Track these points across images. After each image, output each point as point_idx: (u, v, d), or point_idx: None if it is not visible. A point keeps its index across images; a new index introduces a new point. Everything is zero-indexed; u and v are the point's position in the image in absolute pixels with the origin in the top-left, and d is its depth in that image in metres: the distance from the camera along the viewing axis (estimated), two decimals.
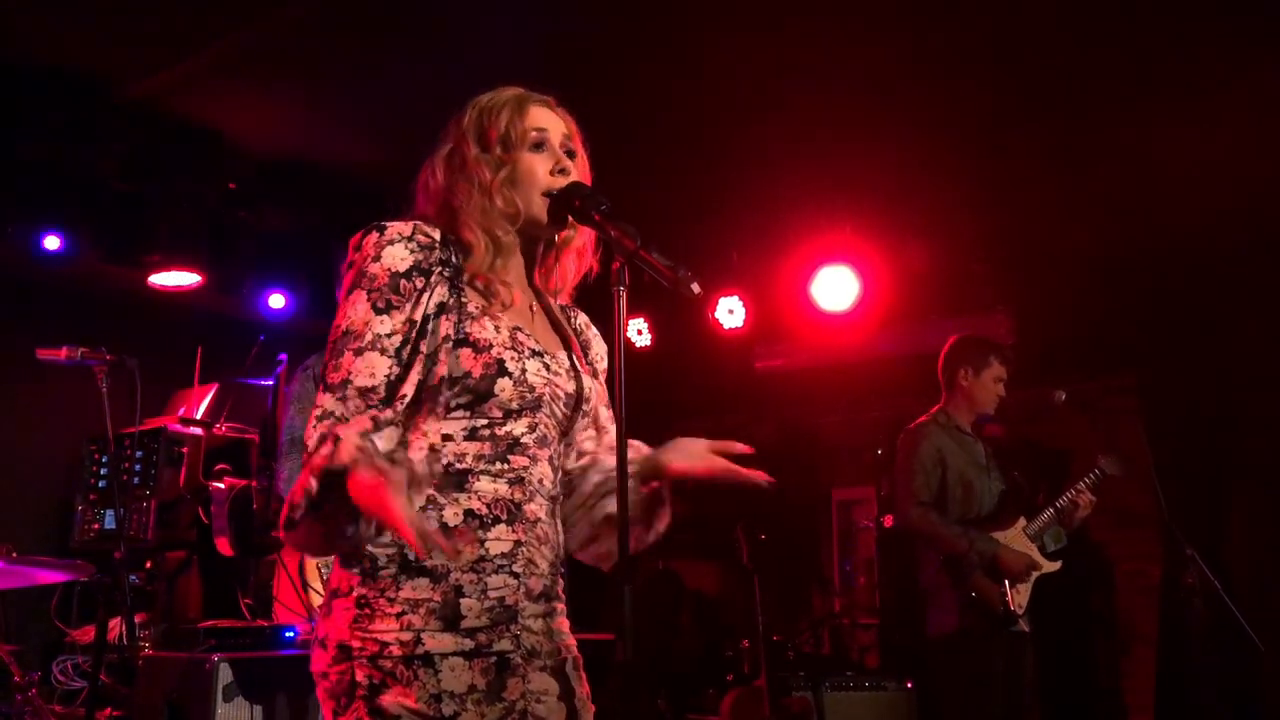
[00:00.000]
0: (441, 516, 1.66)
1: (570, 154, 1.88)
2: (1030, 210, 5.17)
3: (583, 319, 2.03)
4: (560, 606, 1.82)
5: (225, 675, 3.55)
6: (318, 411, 1.63)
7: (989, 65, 4.16)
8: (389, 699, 1.58)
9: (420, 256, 1.70)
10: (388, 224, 1.72)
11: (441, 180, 1.84)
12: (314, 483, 1.50)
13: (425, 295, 1.69)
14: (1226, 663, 4.53)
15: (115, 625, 3.93)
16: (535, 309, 1.89)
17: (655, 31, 3.91)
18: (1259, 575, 4.90)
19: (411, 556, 1.62)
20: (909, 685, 5.11)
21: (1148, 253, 5.24)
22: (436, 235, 1.73)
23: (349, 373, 1.63)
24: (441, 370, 1.68)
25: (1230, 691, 4.80)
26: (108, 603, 3.72)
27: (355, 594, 1.62)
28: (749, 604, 5.03)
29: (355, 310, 1.67)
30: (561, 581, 1.84)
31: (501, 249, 1.79)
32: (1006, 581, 3.90)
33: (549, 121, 1.87)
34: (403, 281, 1.67)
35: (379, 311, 1.66)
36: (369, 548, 1.63)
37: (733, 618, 6.77)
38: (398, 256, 1.68)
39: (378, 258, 1.68)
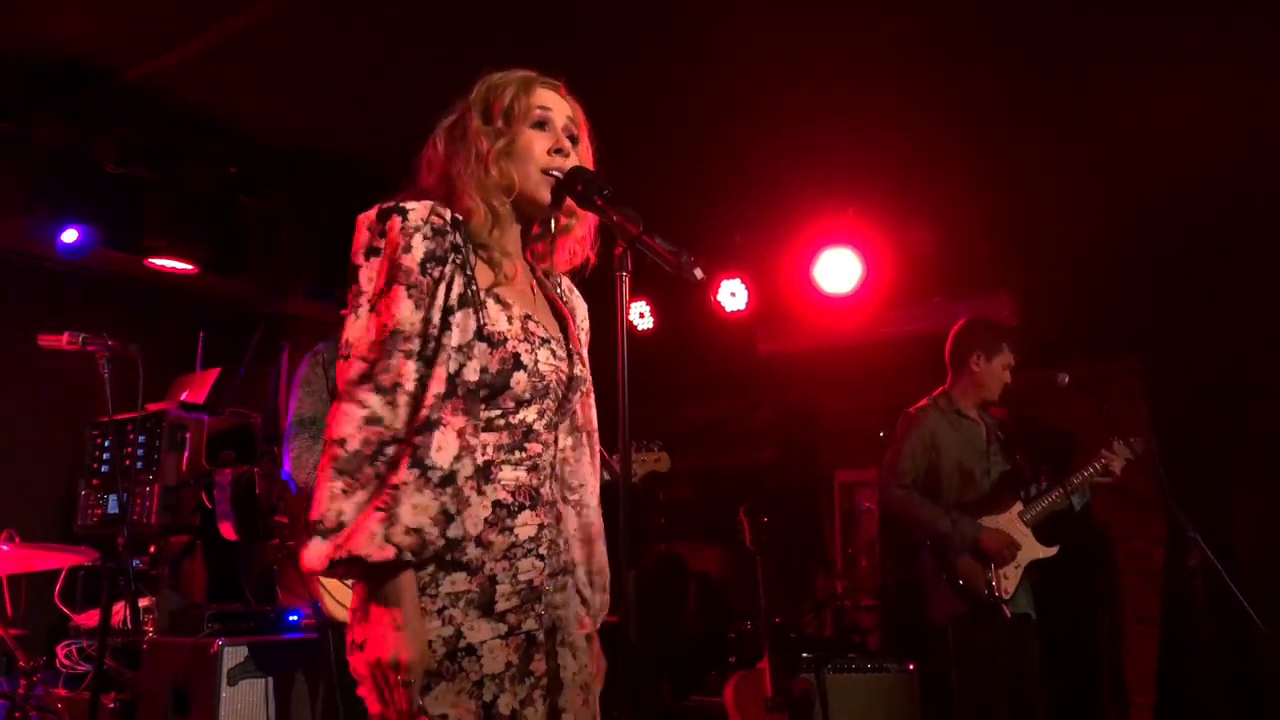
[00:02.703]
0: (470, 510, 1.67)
1: (573, 139, 1.89)
2: (1034, 192, 5.15)
3: (566, 283, 2.04)
4: (570, 580, 1.84)
5: (230, 659, 3.56)
6: (365, 413, 1.62)
7: (992, 47, 4.13)
8: (434, 696, 1.60)
9: (434, 244, 1.70)
10: (408, 206, 1.71)
11: (442, 150, 1.85)
12: (359, 552, 1.56)
13: (442, 286, 1.69)
14: (1228, 644, 4.54)
15: (119, 609, 3.94)
16: (535, 288, 1.90)
17: (659, 14, 3.89)
18: (1261, 557, 4.90)
19: (446, 555, 1.64)
20: (910, 667, 5.13)
21: (1152, 235, 5.22)
22: (448, 216, 1.74)
23: (400, 377, 1.63)
24: (477, 365, 1.68)
25: (1232, 673, 4.81)
26: (112, 587, 3.73)
27: None
28: (752, 586, 5.03)
29: (400, 309, 1.65)
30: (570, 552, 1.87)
31: (499, 218, 1.80)
32: (992, 565, 3.90)
33: (554, 103, 1.88)
34: (428, 270, 1.68)
35: (420, 307, 1.66)
36: None
37: (736, 600, 6.79)
38: (422, 246, 1.69)
39: (408, 248, 1.68)
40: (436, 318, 1.66)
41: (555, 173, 1.83)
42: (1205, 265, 5.26)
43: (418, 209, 1.71)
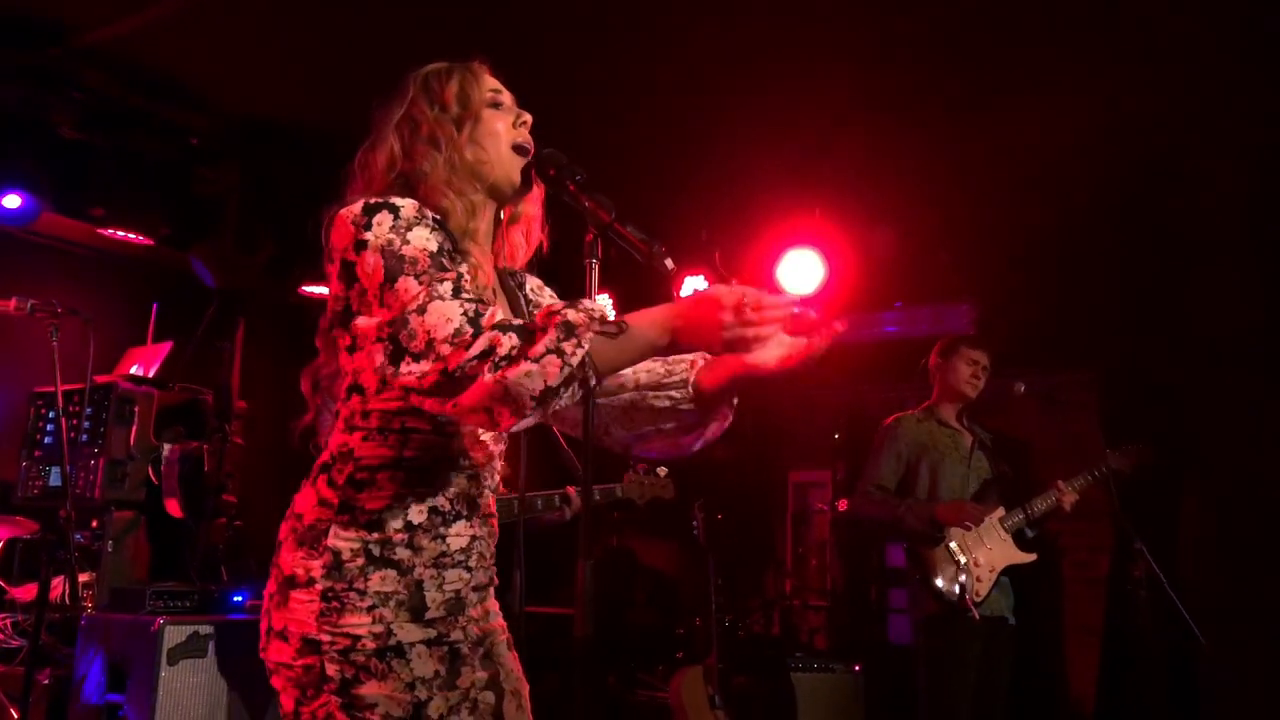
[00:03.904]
0: (408, 515, 1.64)
1: None
2: (996, 203, 5.20)
3: (533, 283, 1.98)
4: (492, 590, 1.83)
5: (171, 638, 3.50)
6: (413, 382, 1.50)
7: (959, 55, 4.17)
8: (365, 690, 1.57)
9: (441, 237, 1.62)
10: (397, 203, 1.62)
11: (399, 148, 1.76)
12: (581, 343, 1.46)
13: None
14: (1169, 655, 4.62)
15: (58, 584, 3.85)
16: (497, 291, 1.85)
17: (629, 13, 3.88)
18: (1205, 570, 5.00)
19: (375, 550, 1.61)
20: (856, 669, 5.17)
21: (1111, 251, 5.29)
22: (430, 216, 1.65)
23: (428, 331, 1.49)
24: None
25: (1172, 683, 4.89)
26: (51, 561, 3.64)
27: (319, 586, 1.59)
28: (702, 582, 5.04)
29: (408, 288, 1.52)
30: (494, 565, 1.85)
31: (475, 210, 1.75)
32: (963, 571, 3.94)
33: (497, 84, 1.85)
34: (444, 260, 1.58)
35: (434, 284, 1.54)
36: (331, 541, 1.61)
37: (686, 596, 6.80)
38: (425, 237, 1.59)
39: (407, 240, 1.57)
40: None
41: (525, 146, 1.80)
42: (1160, 282, 5.34)
43: (407, 205, 1.62)
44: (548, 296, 1.98)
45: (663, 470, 4.08)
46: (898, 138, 4.78)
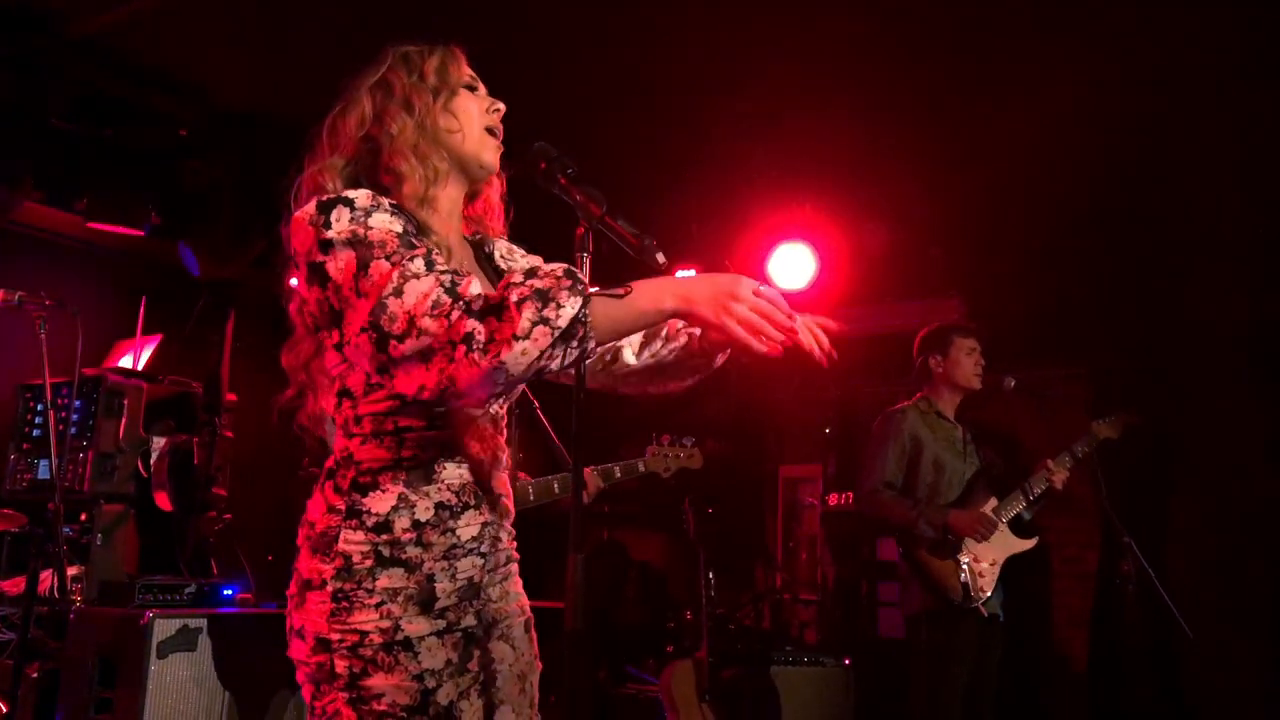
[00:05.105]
0: (414, 514, 1.64)
1: None
2: (987, 197, 5.21)
3: (501, 248, 1.97)
4: (514, 567, 1.83)
5: (160, 631, 3.49)
6: (414, 380, 1.50)
7: (950, 51, 4.17)
8: (372, 681, 1.58)
9: (404, 219, 1.62)
10: (350, 196, 1.61)
11: (368, 109, 1.76)
12: (566, 313, 1.46)
13: None
14: (1156, 649, 4.64)
15: (47, 577, 3.84)
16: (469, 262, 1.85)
17: (621, 6, 3.87)
18: (1193, 565, 5.02)
19: (385, 551, 1.61)
20: (846, 663, 5.18)
21: (1101, 245, 5.31)
22: (386, 202, 1.65)
23: (408, 311, 1.48)
24: None
25: (1159, 677, 4.92)
26: (40, 554, 3.63)
27: (330, 588, 1.60)
28: (693, 576, 5.04)
29: (380, 270, 1.52)
30: (515, 541, 1.85)
31: (436, 178, 1.74)
32: (964, 566, 3.95)
33: (473, 73, 1.86)
34: (412, 239, 1.58)
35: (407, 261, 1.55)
36: (341, 545, 1.61)
37: (677, 589, 6.80)
38: (386, 220, 1.59)
39: (370, 227, 1.57)
40: None
41: (497, 130, 1.81)
42: (1150, 277, 5.36)
43: (361, 195, 1.62)
44: (519, 258, 1.97)
45: (689, 440, 4.02)
46: (889, 132, 4.78)
